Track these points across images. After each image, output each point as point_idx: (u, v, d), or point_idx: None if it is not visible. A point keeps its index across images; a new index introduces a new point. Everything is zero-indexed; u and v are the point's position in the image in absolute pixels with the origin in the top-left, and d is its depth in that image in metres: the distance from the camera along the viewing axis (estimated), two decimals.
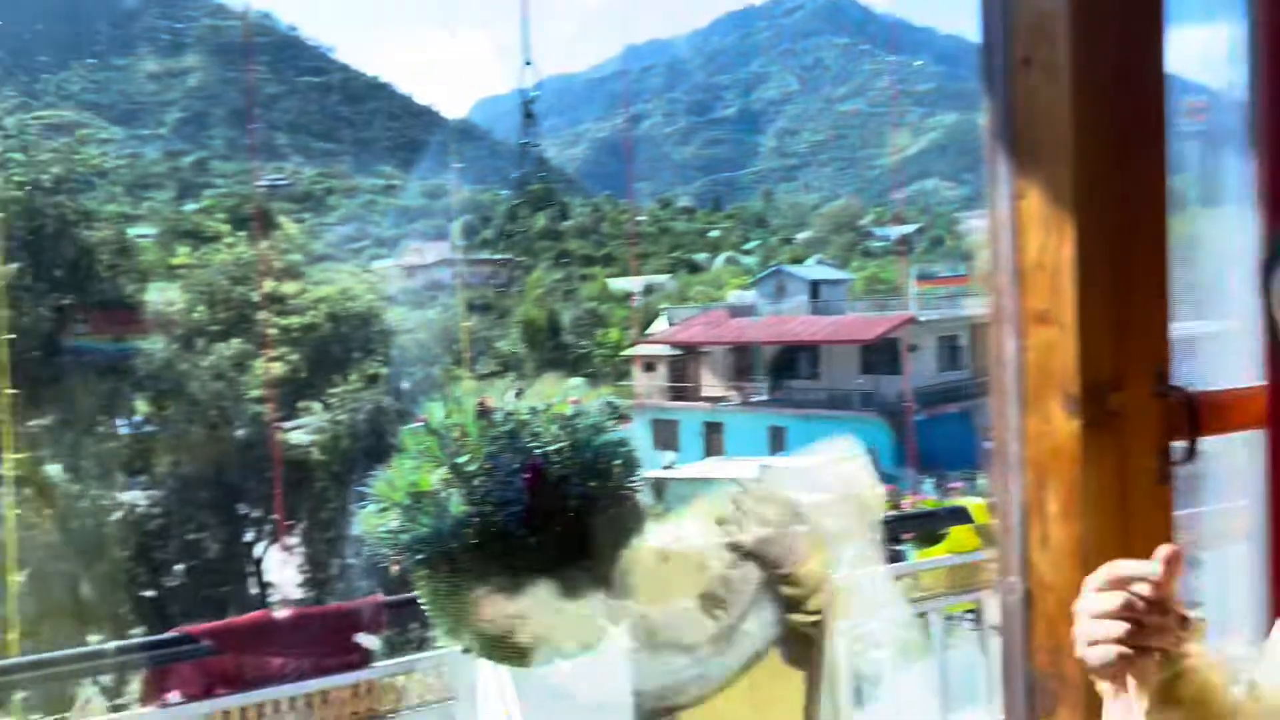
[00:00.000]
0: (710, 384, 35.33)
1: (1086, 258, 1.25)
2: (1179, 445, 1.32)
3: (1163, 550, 0.86)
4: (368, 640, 2.67)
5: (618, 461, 1.12)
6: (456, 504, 1.04)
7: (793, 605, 1.53)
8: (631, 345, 41.74)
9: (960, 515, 3.39)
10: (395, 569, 1.13)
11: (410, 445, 1.13)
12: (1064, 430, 1.29)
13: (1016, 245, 1.32)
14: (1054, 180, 1.26)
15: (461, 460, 1.07)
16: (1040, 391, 1.31)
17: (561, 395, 1.13)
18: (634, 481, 1.13)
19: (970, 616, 3.68)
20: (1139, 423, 1.27)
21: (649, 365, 38.21)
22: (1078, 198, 1.24)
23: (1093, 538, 1.25)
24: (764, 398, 33.42)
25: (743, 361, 34.86)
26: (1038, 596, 1.32)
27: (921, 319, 35.15)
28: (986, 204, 1.37)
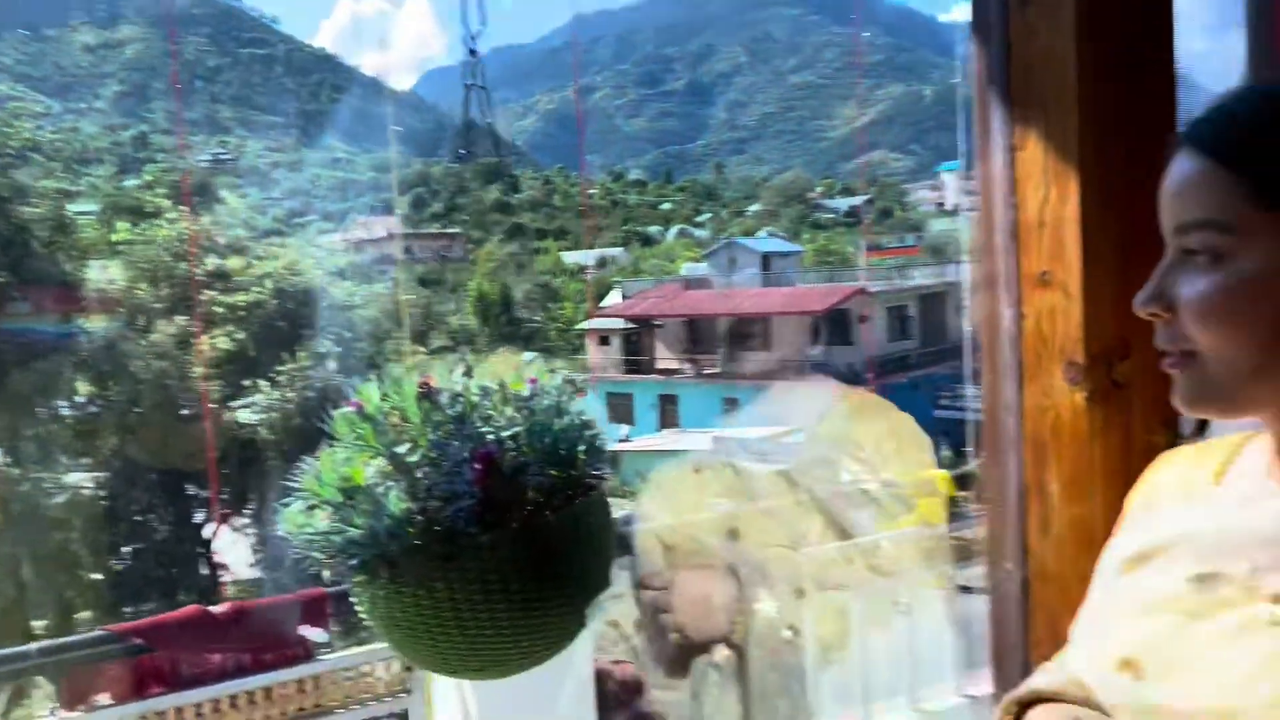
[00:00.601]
0: (664, 357, 35.31)
1: (1092, 215, 1.13)
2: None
3: None
4: (313, 633, 2.53)
5: (581, 447, 0.99)
6: (396, 500, 0.91)
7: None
8: (585, 319, 41.58)
9: (928, 487, 3.32)
10: (329, 574, 0.99)
11: (343, 432, 0.99)
12: (1066, 403, 1.18)
13: (1014, 202, 1.20)
14: (1056, 130, 1.15)
15: (401, 449, 0.94)
16: (1040, 362, 1.20)
17: (516, 374, 0.99)
18: (600, 469, 1.01)
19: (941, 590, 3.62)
20: (1147, 394, 1.16)
21: (603, 339, 38.09)
22: (1083, 149, 1.13)
23: (1099, 521, 1.14)
24: (717, 370, 33.48)
25: (696, 334, 34.86)
26: (1037, 586, 1.22)
27: (872, 289, 35.45)
28: (977, 158, 1.26)
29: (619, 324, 37.29)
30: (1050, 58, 1.15)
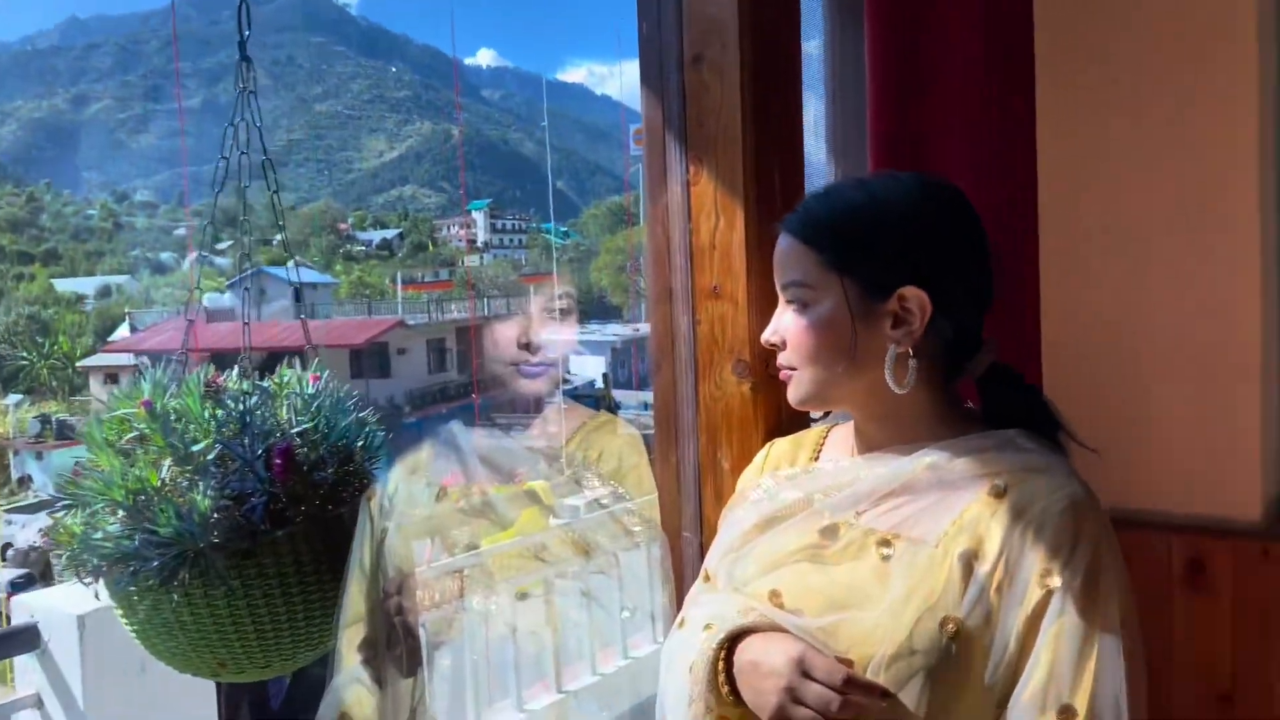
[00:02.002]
0: None
1: (754, 238, 1.40)
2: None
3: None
4: None
5: (360, 443, 1.03)
6: (201, 499, 0.89)
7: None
8: (88, 354, 37.12)
9: (532, 497, 3.52)
10: (95, 582, 0.92)
11: (98, 436, 0.94)
12: (735, 394, 1.43)
13: (689, 228, 1.44)
14: (725, 168, 1.40)
15: (197, 449, 0.91)
16: (712, 360, 1.45)
17: (294, 373, 1.01)
18: (378, 465, 1.05)
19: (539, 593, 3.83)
20: None
21: (111, 376, 34.28)
22: (746, 184, 1.39)
23: None
24: None
25: (224, 368, 32.63)
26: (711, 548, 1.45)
27: (410, 323, 35.64)
28: (656, 191, 1.48)
29: (129, 360, 33.80)
30: (720, 108, 1.40)
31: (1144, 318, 1.81)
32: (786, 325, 1.18)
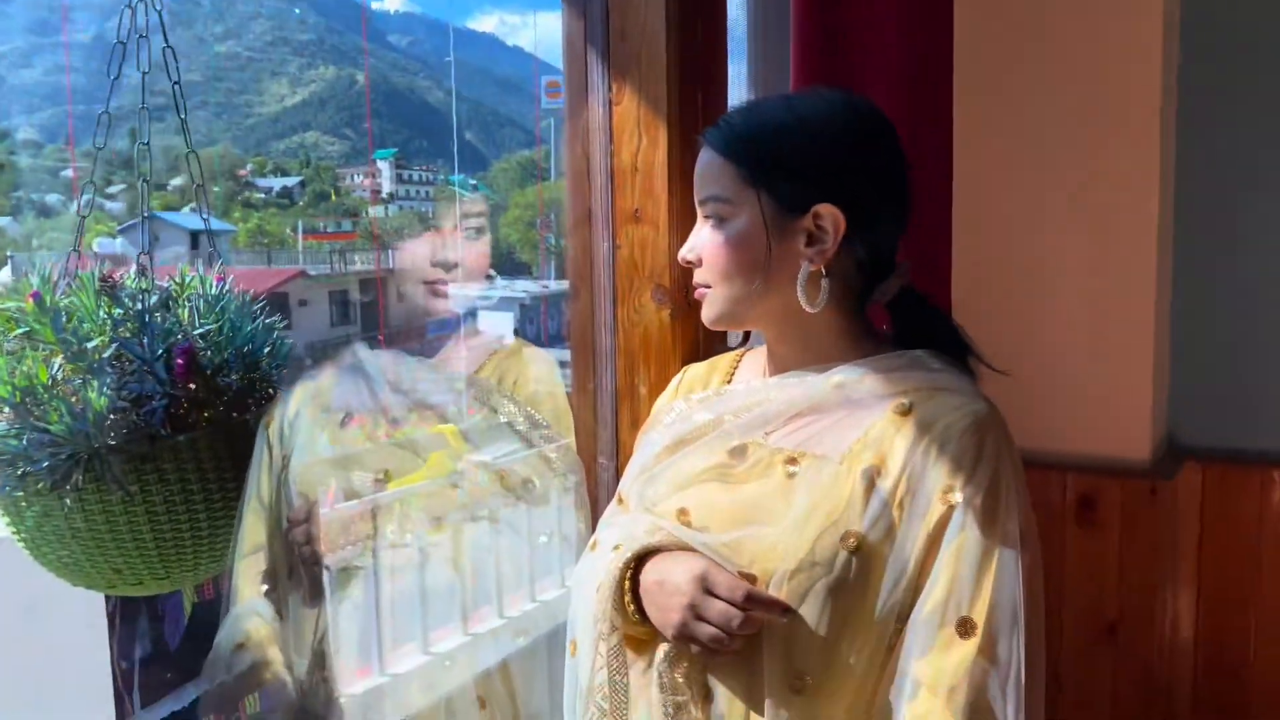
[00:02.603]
0: None
1: (676, 161, 1.38)
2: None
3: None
4: None
5: (268, 349, 0.99)
6: (96, 398, 0.84)
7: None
8: None
9: (440, 440, 3.48)
10: None
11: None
12: (654, 320, 1.42)
13: (611, 149, 1.41)
14: (649, 87, 1.37)
15: (91, 345, 0.86)
16: (632, 285, 1.43)
17: (199, 274, 0.96)
18: (284, 371, 1.01)
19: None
20: None
21: None
22: (670, 104, 1.37)
23: None
24: None
25: None
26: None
27: (312, 273, 34.79)
28: (577, 109, 1.45)
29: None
30: (644, 26, 1.37)
31: (1045, 265, 1.86)
32: (703, 241, 1.17)
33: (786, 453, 1.12)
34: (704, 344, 1.45)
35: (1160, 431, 2.33)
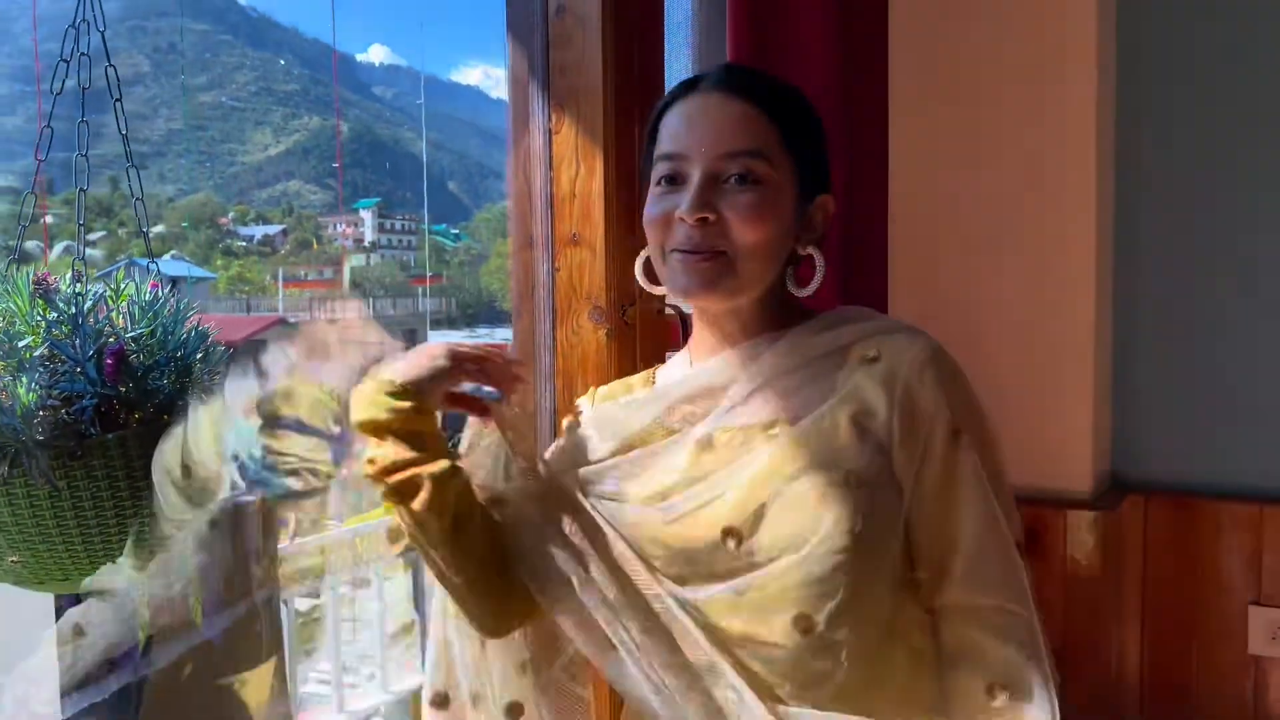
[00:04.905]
0: None
1: (612, 188, 1.44)
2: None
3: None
4: None
5: (201, 355, 1.02)
6: (25, 393, 0.87)
7: None
8: None
9: None
10: None
11: None
12: (591, 340, 1.47)
13: (551, 177, 1.46)
14: (586, 118, 1.43)
15: (22, 344, 0.89)
16: (570, 306, 1.48)
17: (134, 282, 0.99)
18: (218, 376, 1.04)
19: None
20: (647, 333, 1.50)
21: None
22: (606, 134, 1.43)
23: None
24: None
25: None
26: None
27: (291, 321, 34.81)
28: (519, 139, 1.50)
29: None
30: (582, 60, 1.43)
31: (983, 298, 1.92)
32: (726, 199, 1.04)
33: (761, 424, 1.06)
34: (641, 363, 1.49)
35: (1103, 465, 2.38)
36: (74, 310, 0.95)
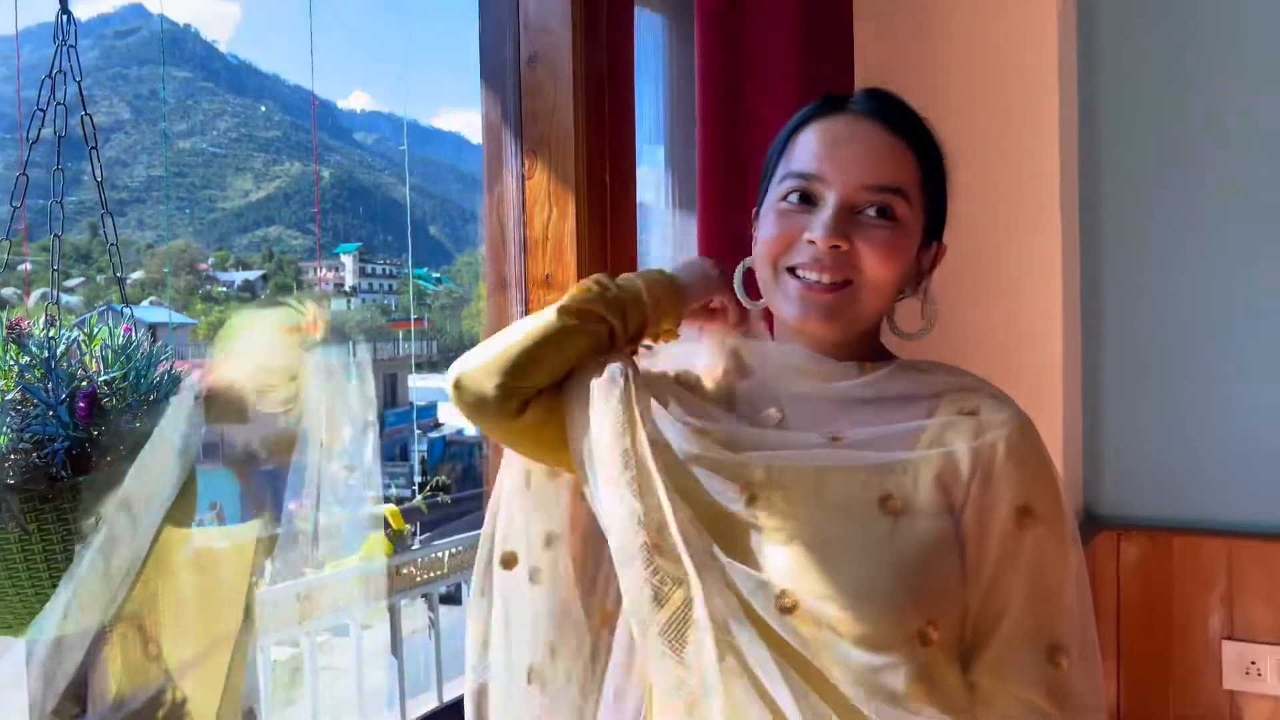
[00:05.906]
0: None
1: (584, 230, 1.46)
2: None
3: None
4: None
5: (173, 399, 1.03)
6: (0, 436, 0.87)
7: None
8: None
9: (380, 523, 3.47)
10: None
11: None
12: None
13: (524, 220, 1.49)
14: (558, 163, 1.46)
15: None
16: None
17: (108, 326, 1.01)
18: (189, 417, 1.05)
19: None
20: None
21: None
22: (578, 178, 1.45)
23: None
24: None
25: None
26: None
27: None
28: (493, 183, 1.53)
29: None
30: (554, 107, 1.46)
31: (952, 333, 1.95)
32: (864, 231, 1.02)
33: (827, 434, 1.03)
34: None
35: (1075, 502, 2.40)
36: (47, 354, 0.96)
